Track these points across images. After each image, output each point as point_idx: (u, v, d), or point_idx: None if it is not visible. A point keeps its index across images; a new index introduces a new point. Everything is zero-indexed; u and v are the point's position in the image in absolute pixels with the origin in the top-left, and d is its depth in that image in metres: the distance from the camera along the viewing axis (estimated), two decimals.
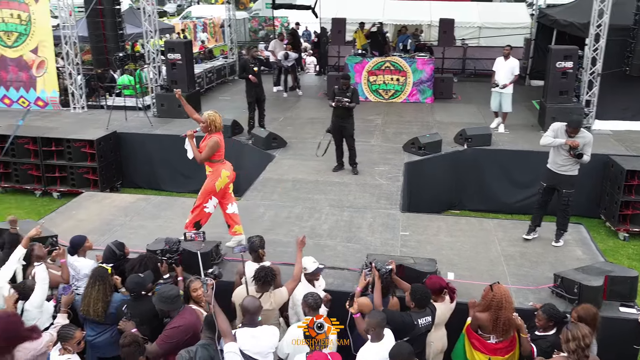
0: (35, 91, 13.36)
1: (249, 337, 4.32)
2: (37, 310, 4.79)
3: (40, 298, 4.86)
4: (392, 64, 14.55)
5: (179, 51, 12.75)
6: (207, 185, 6.48)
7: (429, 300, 4.88)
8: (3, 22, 12.94)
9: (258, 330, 4.41)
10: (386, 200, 8.37)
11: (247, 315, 4.44)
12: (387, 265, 5.29)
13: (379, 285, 5.10)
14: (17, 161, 11.06)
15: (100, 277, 5.01)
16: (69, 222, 7.59)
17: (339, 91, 9.05)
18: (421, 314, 4.77)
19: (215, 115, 6.35)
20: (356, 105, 9.08)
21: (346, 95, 8.96)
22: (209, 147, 6.30)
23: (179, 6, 48.87)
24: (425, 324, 4.77)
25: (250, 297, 4.65)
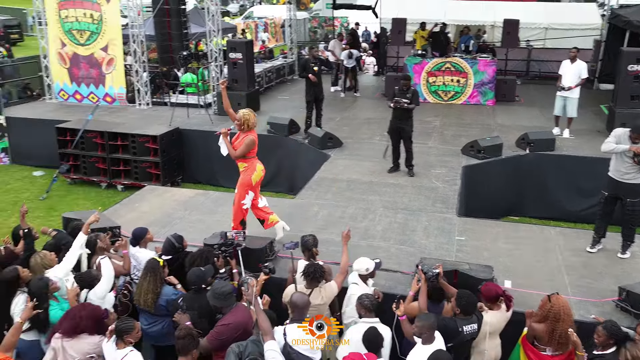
0: (104, 87, 13.98)
1: (300, 334, 4.31)
2: (100, 301, 4.99)
3: (104, 290, 5.06)
4: (453, 65, 14.29)
5: (240, 50, 13.00)
6: (244, 179, 6.62)
7: (475, 307, 4.76)
8: (77, 21, 13.60)
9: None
10: (442, 204, 8.23)
11: (295, 311, 4.46)
12: (434, 269, 5.19)
13: (424, 289, 5.04)
14: (86, 154, 11.59)
15: (152, 269, 5.17)
16: (131, 214, 7.88)
17: (398, 92, 8.97)
18: (467, 321, 4.67)
19: (249, 114, 6.50)
20: (415, 107, 8.97)
21: (406, 96, 8.87)
22: (245, 144, 6.45)
23: (242, 6, 49.83)
24: (471, 331, 4.66)
25: (298, 293, 4.68)
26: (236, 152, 6.48)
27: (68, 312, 4.59)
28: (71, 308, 4.66)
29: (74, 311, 4.54)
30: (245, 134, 6.49)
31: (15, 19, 33.57)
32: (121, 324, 4.32)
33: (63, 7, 13.58)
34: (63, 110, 13.55)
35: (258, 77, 15.17)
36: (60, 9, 13.61)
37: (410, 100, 8.85)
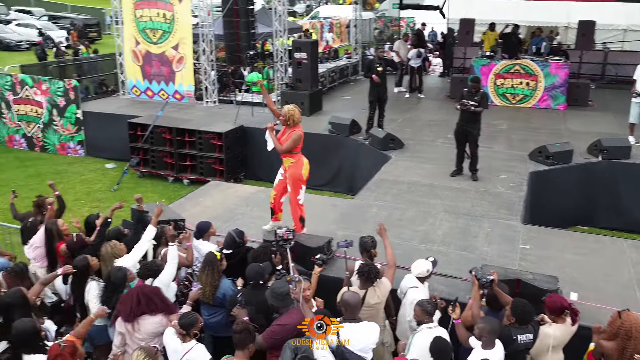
0: (173, 85, 14.48)
1: (351, 333, 4.32)
2: (165, 288, 5.17)
3: (169, 276, 5.21)
4: (523, 67, 13.83)
5: (305, 50, 13.13)
6: (295, 174, 6.67)
7: (532, 317, 4.60)
8: (150, 20, 14.15)
9: (360, 325, 4.40)
10: (506, 210, 7.98)
11: (347, 310, 4.44)
12: (489, 275, 5.01)
13: (477, 295, 4.91)
14: (155, 148, 12.05)
15: (210, 262, 5.28)
16: (196, 208, 8.12)
17: (467, 94, 8.78)
18: (522, 331, 4.50)
19: (294, 109, 6.56)
20: (484, 111, 8.76)
21: (474, 98, 8.66)
22: (292, 139, 6.50)
23: (308, 6, 50.27)
24: (526, 341, 4.49)
25: (349, 292, 4.65)
26: (283, 146, 6.55)
27: (123, 297, 4.76)
28: (127, 292, 4.83)
29: (126, 296, 4.72)
30: (291, 129, 6.56)
31: (94, 18, 35.41)
32: (185, 319, 4.41)
33: (138, 6, 14.18)
34: (135, 106, 14.14)
35: (321, 77, 15.26)
36: (136, 9, 14.22)
37: (478, 103, 8.64)
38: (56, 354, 3.93)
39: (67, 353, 3.95)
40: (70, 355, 3.95)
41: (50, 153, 13.88)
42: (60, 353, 3.93)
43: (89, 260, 5.27)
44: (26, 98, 13.82)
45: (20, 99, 13.90)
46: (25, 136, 14.18)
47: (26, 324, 4.31)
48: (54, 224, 5.86)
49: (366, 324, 4.48)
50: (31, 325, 4.31)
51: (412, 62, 15.35)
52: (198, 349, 4.35)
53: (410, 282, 5.27)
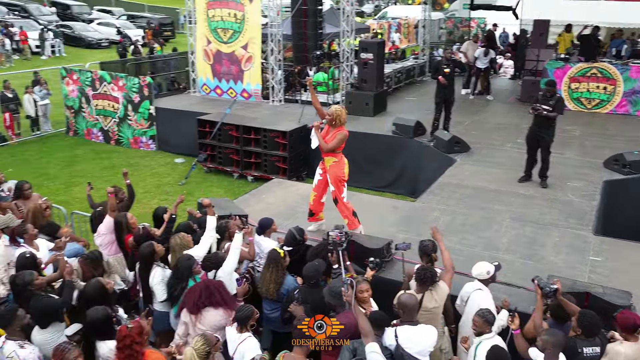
0: (242, 83, 14.81)
1: (411, 335, 4.30)
2: (228, 277, 5.31)
3: (232, 264, 5.36)
4: (600, 71, 13.19)
5: (371, 51, 13.08)
6: (337, 174, 6.74)
7: (599, 329, 4.40)
8: (222, 20, 14.54)
9: (419, 328, 4.39)
10: (577, 220, 7.63)
11: (405, 311, 4.43)
12: (552, 285, 4.79)
13: (540, 305, 4.74)
14: (222, 145, 12.38)
15: (274, 260, 5.40)
16: (259, 204, 8.28)
17: (541, 98, 8.48)
18: (588, 343, 4.33)
19: (342, 110, 6.63)
20: (558, 116, 8.41)
21: (548, 103, 8.34)
22: (338, 139, 6.58)
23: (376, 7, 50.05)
24: (592, 354, 4.31)
25: (407, 293, 4.62)
26: (328, 145, 6.63)
27: (189, 290, 4.93)
28: (193, 285, 4.98)
29: (192, 289, 4.87)
30: (336, 129, 6.63)
31: (169, 18, 36.81)
32: (242, 312, 4.52)
33: (211, 6, 14.60)
34: (204, 103, 14.58)
35: (387, 77, 15.15)
36: (208, 9, 14.65)
37: (552, 108, 8.31)
38: (125, 334, 4.13)
39: (135, 333, 4.14)
40: (137, 335, 4.15)
41: (124, 146, 14.56)
42: (129, 334, 4.12)
43: (154, 247, 5.49)
44: (104, 93, 14.56)
45: (98, 94, 14.66)
46: (102, 130, 14.94)
47: (99, 312, 4.54)
48: (123, 217, 6.12)
49: (424, 326, 4.45)
50: (104, 314, 4.54)
51: (479, 62, 14.93)
52: (250, 342, 4.44)
53: (472, 286, 5.14)
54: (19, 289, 4.93)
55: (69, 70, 15.20)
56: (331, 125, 6.68)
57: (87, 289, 4.96)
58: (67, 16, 35.58)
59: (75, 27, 31.07)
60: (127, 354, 4.10)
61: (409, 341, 4.29)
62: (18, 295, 4.94)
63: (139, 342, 4.14)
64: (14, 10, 34.17)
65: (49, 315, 4.64)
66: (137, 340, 4.13)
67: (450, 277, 5.17)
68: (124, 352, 4.10)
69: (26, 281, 4.91)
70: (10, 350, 4.29)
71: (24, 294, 4.87)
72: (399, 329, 4.37)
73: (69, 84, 15.15)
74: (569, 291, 5.27)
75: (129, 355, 4.10)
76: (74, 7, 36.78)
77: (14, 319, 4.43)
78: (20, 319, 4.48)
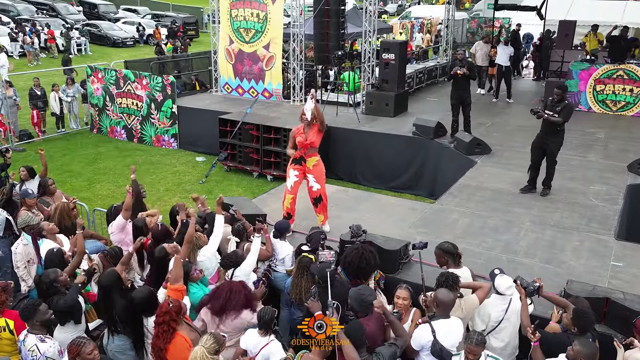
0: (263, 83, 14.89)
1: (446, 329, 4.41)
2: (246, 277, 5.37)
3: (250, 265, 5.44)
4: (626, 73, 12.95)
5: (393, 51, 13.04)
6: (323, 171, 7.26)
7: (593, 325, 4.48)
8: (244, 20, 14.64)
9: (451, 321, 4.51)
10: (598, 224, 7.51)
11: (441, 307, 4.51)
12: (535, 283, 4.85)
13: (525, 305, 4.76)
14: (242, 144, 12.47)
15: (307, 266, 5.39)
16: (277, 203, 8.28)
17: (550, 103, 8.15)
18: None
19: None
20: (563, 122, 8.00)
21: (555, 108, 7.99)
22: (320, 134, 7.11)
23: (400, 6, 49.86)
24: None
25: (444, 289, 4.63)
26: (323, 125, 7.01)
27: (215, 290, 4.96)
28: (218, 287, 5.02)
29: (221, 290, 4.90)
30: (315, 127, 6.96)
31: (193, 17, 37.18)
32: (266, 315, 4.53)
33: (234, 6, 14.71)
34: (226, 102, 14.69)
35: (409, 78, 15.08)
36: (232, 9, 14.76)
37: (557, 113, 7.94)
38: (165, 310, 4.43)
39: (174, 311, 4.42)
40: (175, 313, 4.43)
41: (146, 144, 14.76)
42: (169, 310, 4.41)
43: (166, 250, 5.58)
44: (128, 92, 14.78)
45: (122, 92, 14.89)
46: (125, 127, 15.18)
47: (144, 291, 4.86)
48: (141, 222, 6.21)
49: (454, 319, 4.58)
50: (149, 292, 4.86)
51: (500, 59, 14.66)
52: (274, 345, 4.48)
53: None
54: (44, 287, 5.04)
55: (94, 68, 15.46)
56: (309, 124, 6.92)
57: (103, 279, 5.08)
58: (93, 15, 36.19)
59: (101, 26, 31.58)
60: (164, 329, 4.39)
61: (445, 335, 4.40)
62: (43, 294, 5.04)
63: (175, 320, 4.42)
64: (42, 9, 34.88)
65: (65, 313, 4.77)
66: (174, 318, 4.41)
67: (484, 294, 5.04)
68: (162, 326, 4.40)
69: (51, 279, 5.03)
70: (31, 344, 4.40)
71: (50, 292, 4.99)
72: (435, 323, 4.44)
73: (94, 83, 15.42)
74: (588, 296, 5.21)
75: (165, 330, 4.39)
76: (101, 6, 37.39)
77: (35, 313, 4.53)
78: (42, 314, 4.58)
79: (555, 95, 8.11)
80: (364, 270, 5.23)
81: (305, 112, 6.97)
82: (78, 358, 4.11)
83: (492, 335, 4.93)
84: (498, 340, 4.93)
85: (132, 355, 4.90)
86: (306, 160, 7.02)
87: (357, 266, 5.19)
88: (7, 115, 14.10)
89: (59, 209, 6.73)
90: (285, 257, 6.11)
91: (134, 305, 4.78)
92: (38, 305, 4.60)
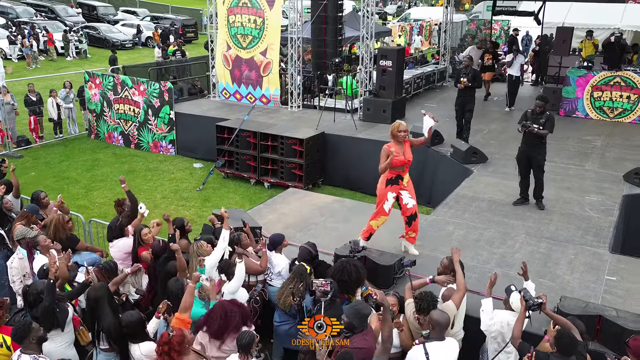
0: (260, 89, 14.89)
1: (440, 352, 4.45)
2: (232, 296, 5.37)
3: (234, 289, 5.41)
4: (623, 80, 12.95)
5: (390, 58, 13.04)
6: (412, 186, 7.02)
7: (575, 349, 4.41)
8: (242, 26, 14.64)
9: (446, 343, 4.54)
10: (594, 237, 7.52)
11: (437, 329, 4.53)
12: (537, 299, 4.84)
13: (522, 317, 4.77)
14: (239, 151, 12.47)
15: (300, 274, 5.46)
16: (273, 214, 8.33)
17: (531, 115, 8.10)
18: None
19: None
20: (549, 134, 8.01)
21: (539, 120, 7.99)
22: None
23: (399, 7, 49.84)
24: None
25: (439, 310, 4.68)
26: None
27: (210, 314, 4.89)
28: (214, 308, 4.95)
29: (215, 313, 4.83)
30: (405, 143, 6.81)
31: (192, 19, 37.18)
32: (244, 339, 4.50)
33: (232, 12, 14.71)
34: (224, 108, 14.69)
35: (406, 83, 15.06)
36: (229, 15, 14.76)
37: (543, 126, 7.93)
38: (165, 341, 4.29)
39: (175, 342, 4.28)
40: (177, 344, 4.27)
41: (144, 150, 14.76)
42: (169, 341, 4.27)
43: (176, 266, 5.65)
44: (125, 98, 14.78)
45: (120, 98, 14.89)
46: (122, 133, 15.18)
47: (133, 316, 4.80)
48: (137, 231, 6.24)
49: (450, 340, 4.62)
50: (138, 317, 4.79)
51: (513, 69, 14.65)
52: None
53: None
54: (31, 299, 5.07)
55: (92, 74, 15.46)
56: (400, 142, 6.73)
57: (90, 292, 5.09)
58: (92, 17, 36.18)
59: (100, 29, 31.58)
60: (164, 359, 4.27)
61: (439, 358, 4.42)
62: (30, 306, 5.07)
63: (177, 351, 4.27)
64: (41, 11, 34.88)
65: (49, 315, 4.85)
66: (176, 349, 4.27)
67: (460, 296, 5.14)
68: (162, 357, 4.28)
69: (38, 290, 5.06)
70: None
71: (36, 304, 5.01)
72: (429, 345, 4.47)
73: (91, 88, 15.42)
74: (580, 314, 5.23)
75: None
76: (100, 9, 37.39)
77: (30, 332, 4.55)
78: (36, 332, 4.60)
79: (537, 107, 8.06)
80: (346, 283, 5.30)
81: (424, 129, 7.00)
82: None
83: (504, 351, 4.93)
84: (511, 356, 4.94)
85: None
86: (402, 177, 6.78)
87: (339, 279, 5.27)
88: (4, 121, 14.11)
89: (54, 221, 6.72)
90: (281, 270, 6.13)
91: (121, 327, 4.78)
92: (30, 324, 4.61)
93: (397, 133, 6.63)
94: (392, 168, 6.61)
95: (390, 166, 6.56)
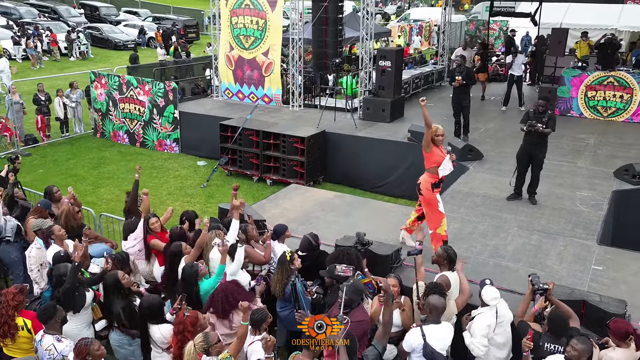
0: (263, 89, 15.23)
1: (437, 334, 4.76)
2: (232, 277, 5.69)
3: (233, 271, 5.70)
4: (617, 80, 13.29)
5: (389, 58, 13.37)
6: None
7: (566, 332, 4.77)
8: (244, 27, 14.98)
9: (442, 326, 4.86)
10: (583, 230, 7.86)
11: (434, 312, 4.84)
12: (544, 284, 5.19)
13: (528, 299, 5.17)
14: (242, 149, 12.81)
15: (281, 262, 5.80)
16: (275, 209, 8.67)
17: (533, 114, 8.45)
18: (552, 340, 4.78)
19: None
20: (552, 132, 8.40)
21: (541, 119, 8.36)
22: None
23: (399, 7, 50.14)
24: (551, 349, 4.74)
25: (436, 295, 4.95)
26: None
27: (212, 297, 5.26)
28: (215, 291, 5.32)
29: (217, 295, 5.20)
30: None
31: (193, 19, 37.48)
32: (257, 315, 4.82)
33: (234, 14, 15.04)
34: (226, 107, 15.03)
35: (405, 83, 15.38)
36: (232, 16, 15.09)
37: (546, 125, 8.31)
38: (180, 320, 4.65)
39: (189, 322, 4.64)
40: (190, 325, 4.63)
41: (149, 149, 15.10)
42: (183, 321, 4.64)
43: (182, 247, 6.01)
44: (131, 97, 15.12)
45: (125, 98, 15.22)
46: (127, 132, 15.52)
47: (154, 298, 5.17)
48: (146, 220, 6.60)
49: (445, 324, 4.92)
50: (158, 300, 5.17)
51: (515, 70, 14.98)
52: (256, 345, 4.68)
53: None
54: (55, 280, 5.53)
55: (97, 74, 15.80)
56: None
57: (105, 279, 5.55)
58: (95, 18, 36.51)
59: (102, 29, 31.90)
60: (179, 338, 4.62)
61: (435, 339, 4.74)
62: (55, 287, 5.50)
63: (190, 332, 4.60)
64: (44, 12, 35.20)
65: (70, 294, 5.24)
66: (190, 329, 4.60)
67: (463, 300, 5.43)
68: (177, 336, 4.63)
69: (61, 273, 5.47)
70: (48, 344, 4.75)
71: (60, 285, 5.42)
72: (426, 328, 4.80)
73: (97, 88, 15.76)
74: (566, 299, 5.55)
75: (181, 340, 4.62)
76: (102, 9, 37.71)
77: (56, 313, 4.89)
78: (60, 312, 4.96)
79: (540, 107, 8.42)
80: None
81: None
82: (88, 357, 4.42)
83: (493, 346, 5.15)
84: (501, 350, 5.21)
85: (131, 350, 5.35)
86: (443, 180, 6.92)
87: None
88: (13, 120, 14.45)
89: (65, 212, 7.10)
90: None
91: (140, 309, 5.13)
92: (55, 306, 4.96)
93: (436, 137, 6.76)
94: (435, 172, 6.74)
95: (434, 167, 6.72)
